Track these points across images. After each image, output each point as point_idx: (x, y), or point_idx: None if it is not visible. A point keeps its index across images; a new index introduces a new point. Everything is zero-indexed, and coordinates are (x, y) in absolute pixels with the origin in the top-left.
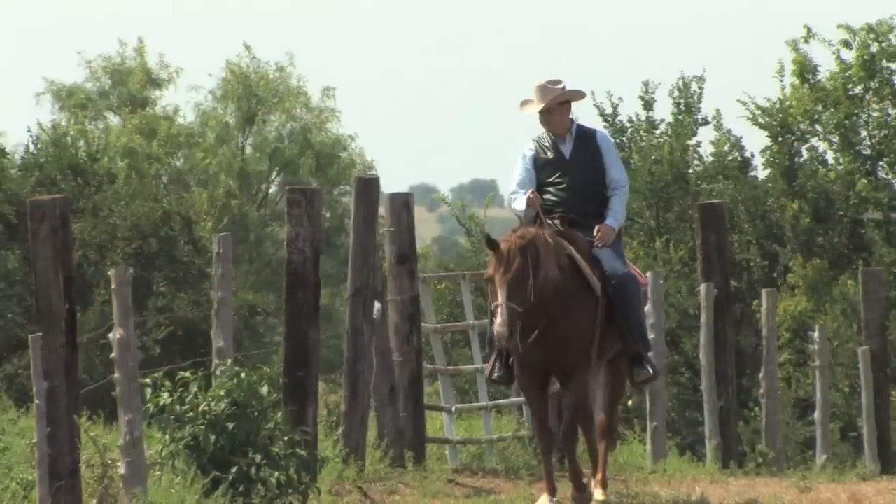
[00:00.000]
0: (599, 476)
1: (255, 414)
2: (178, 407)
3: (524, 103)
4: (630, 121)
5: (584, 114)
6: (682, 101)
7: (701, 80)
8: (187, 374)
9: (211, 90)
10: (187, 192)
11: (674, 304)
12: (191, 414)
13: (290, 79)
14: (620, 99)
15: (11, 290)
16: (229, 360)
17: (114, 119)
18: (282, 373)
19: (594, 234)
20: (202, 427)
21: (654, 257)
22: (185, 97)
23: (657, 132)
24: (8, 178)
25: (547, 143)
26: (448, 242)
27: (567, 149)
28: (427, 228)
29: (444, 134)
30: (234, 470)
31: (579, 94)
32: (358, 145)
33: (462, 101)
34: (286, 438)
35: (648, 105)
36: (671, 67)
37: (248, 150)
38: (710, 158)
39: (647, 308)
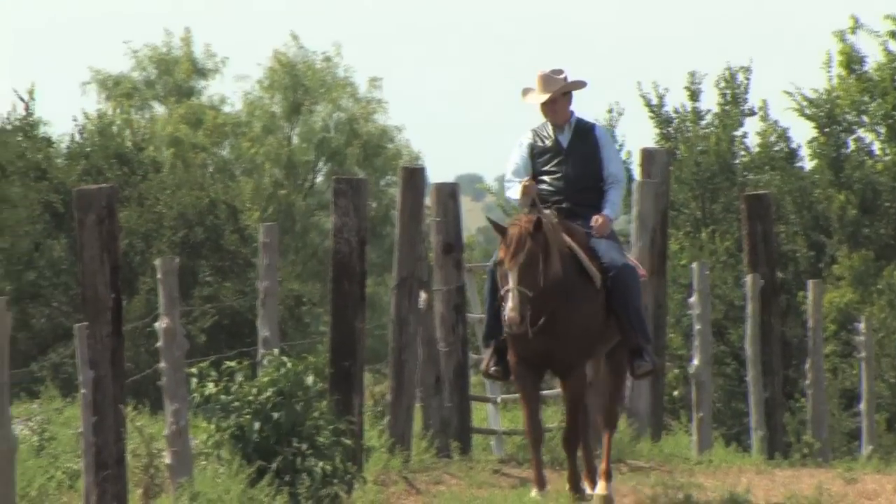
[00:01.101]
0: (603, 466)
1: (301, 403)
2: (223, 396)
3: (526, 91)
4: (676, 111)
5: (630, 105)
6: (728, 91)
7: (747, 70)
8: (233, 363)
9: (258, 80)
10: (233, 182)
11: (719, 295)
12: (236, 403)
13: (336, 69)
14: (667, 89)
15: (57, 279)
16: (275, 350)
17: (159, 109)
18: (327, 362)
19: (591, 223)
20: (248, 416)
21: (700, 248)
22: (232, 87)
23: (703, 123)
24: (54, 168)
25: (545, 133)
26: (493, 232)
27: (565, 139)
28: (473, 218)
29: (490, 124)
30: (279, 459)
31: (581, 85)
32: (404, 136)
33: (508, 90)
34: (332, 428)
35: (695, 96)
36: (718, 58)
37: (295, 139)
38: (757, 149)
39: (693, 299)
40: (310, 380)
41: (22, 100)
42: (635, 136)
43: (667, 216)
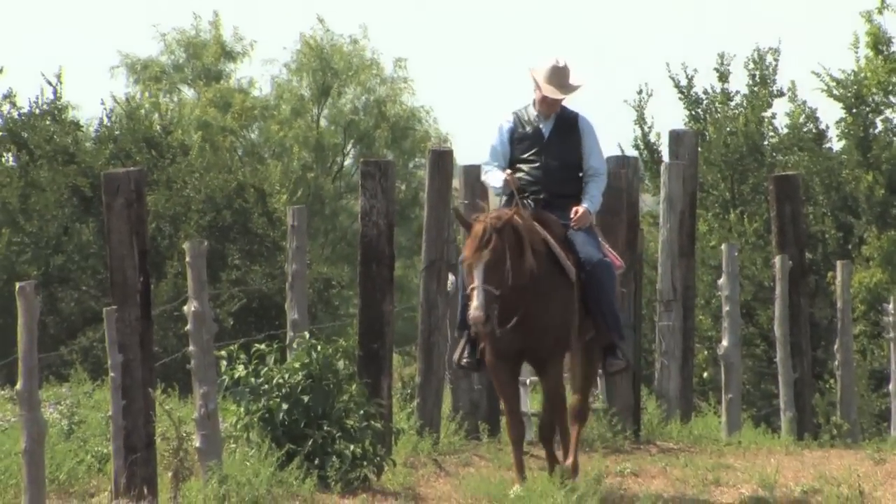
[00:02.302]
0: (571, 460)
1: (330, 386)
2: (252, 379)
3: (536, 71)
4: (705, 93)
5: (659, 86)
6: (757, 73)
7: (776, 52)
8: (262, 346)
9: (285, 63)
10: (262, 165)
11: (749, 277)
12: (266, 387)
13: (364, 51)
14: (696, 71)
15: (86, 263)
16: (305, 333)
17: (188, 92)
18: (356, 345)
19: (571, 216)
20: (277, 400)
21: (729, 229)
22: (260, 70)
23: (732, 104)
24: (82, 151)
25: (527, 119)
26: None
27: (547, 128)
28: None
29: (518, 104)
30: (308, 443)
31: (581, 87)
32: (433, 118)
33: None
34: (361, 411)
35: (724, 77)
36: (746, 39)
37: (323, 122)
38: (785, 130)
39: (722, 280)
40: (339, 363)
41: (50, 84)
42: (664, 118)
43: (695, 197)
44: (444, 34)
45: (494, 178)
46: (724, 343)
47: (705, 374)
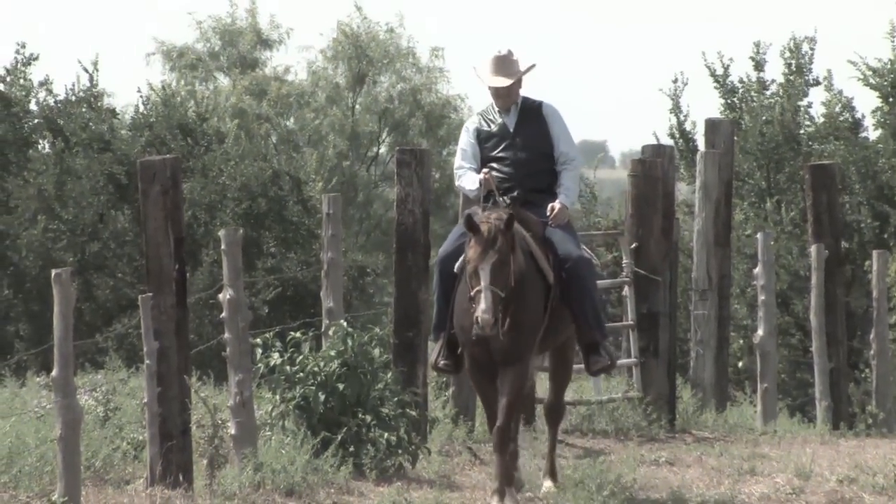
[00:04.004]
0: (548, 465)
1: (366, 374)
2: (288, 367)
3: (478, 69)
4: (741, 81)
5: (695, 75)
6: (793, 61)
7: (812, 40)
8: (297, 334)
9: (321, 50)
10: (297, 153)
11: (784, 266)
12: (301, 374)
13: (399, 39)
14: (732, 60)
15: (121, 251)
16: (341, 321)
17: (224, 80)
18: (392, 333)
19: (547, 213)
20: (312, 387)
21: (765, 218)
22: (296, 57)
23: (768, 93)
24: (118, 139)
25: (490, 116)
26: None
27: (511, 121)
28: None
29: (553, 94)
30: (344, 430)
31: (532, 68)
32: (468, 106)
33: (571, 61)
34: (396, 399)
35: (759, 66)
36: (782, 28)
37: (359, 110)
38: (821, 119)
39: (758, 269)
40: (375, 351)
41: (86, 71)
42: (700, 107)
43: (731, 186)
44: (480, 23)
45: (469, 180)
46: (760, 332)
47: (740, 364)
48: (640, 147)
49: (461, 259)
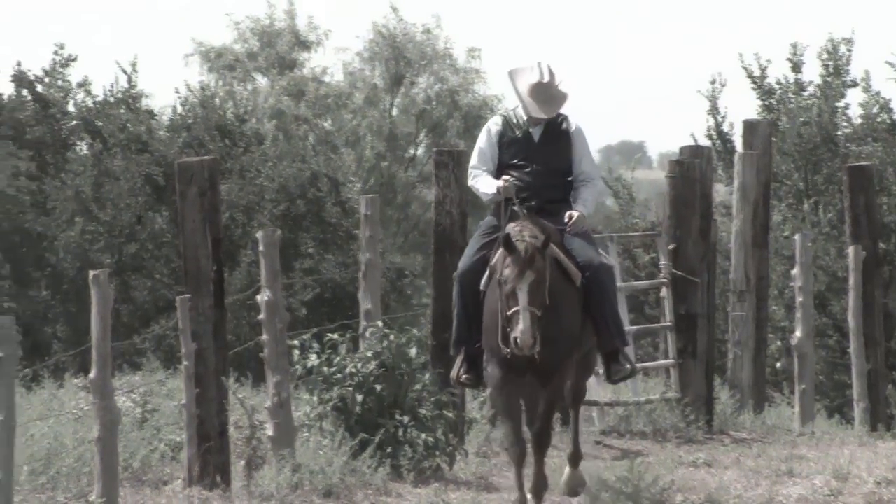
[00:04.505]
0: (572, 449)
1: (404, 376)
2: (325, 369)
3: (517, 74)
4: (778, 83)
5: (733, 76)
6: (830, 63)
7: (850, 42)
8: (335, 335)
9: (358, 52)
10: (335, 154)
11: (822, 267)
12: (338, 376)
13: (436, 40)
14: (769, 61)
15: (159, 252)
16: (379, 322)
17: (262, 80)
18: (429, 335)
19: (565, 220)
20: (350, 389)
21: (803, 219)
22: (333, 59)
23: (805, 94)
24: (156, 140)
25: (516, 122)
26: (595, 205)
27: (537, 133)
28: None
29: (592, 94)
30: (381, 432)
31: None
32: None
33: (610, 61)
34: (434, 400)
35: (797, 67)
36: (820, 29)
37: (396, 111)
38: (859, 121)
39: (796, 270)
40: (412, 352)
41: (124, 72)
42: (738, 108)
43: (769, 187)
44: (517, 24)
45: (485, 183)
46: (798, 333)
47: (778, 365)
48: (678, 148)
49: (486, 275)
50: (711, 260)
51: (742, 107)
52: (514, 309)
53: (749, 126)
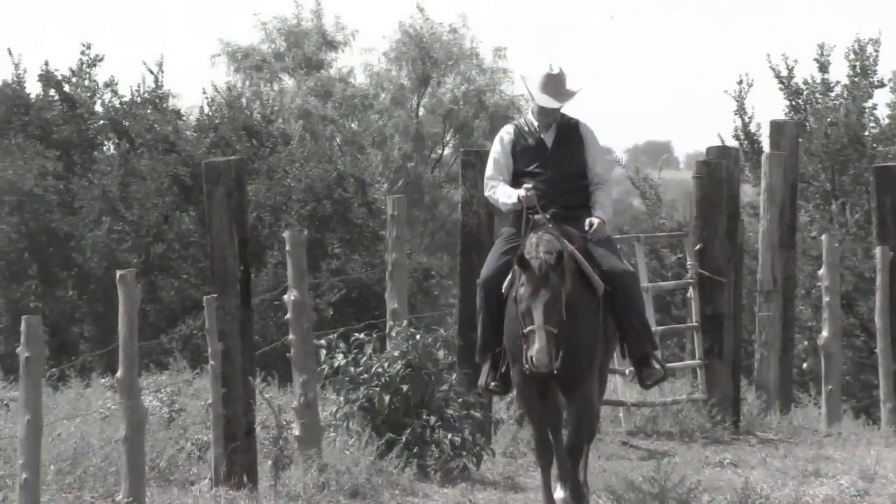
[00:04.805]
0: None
1: (430, 376)
2: (352, 368)
3: (528, 82)
4: (806, 83)
5: (760, 76)
6: (857, 63)
7: (877, 42)
8: (362, 335)
9: (385, 52)
10: (362, 154)
11: (849, 267)
12: (365, 375)
13: (463, 40)
14: (796, 61)
15: (186, 252)
16: (405, 322)
17: (289, 81)
18: (456, 335)
19: (587, 227)
20: (377, 389)
21: (830, 220)
22: (360, 59)
23: (832, 95)
24: (183, 140)
25: (528, 130)
26: (622, 205)
27: (549, 138)
28: None
29: (618, 95)
30: (408, 432)
31: (580, 91)
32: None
33: (636, 61)
34: (461, 400)
35: (824, 67)
36: (847, 30)
37: (423, 112)
38: (886, 121)
39: (823, 271)
40: (439, 352)
41: (151, 72)
42: (765, 108)
43: (796, 188)
44: (543, 23)
45: (504, 193)
46: (824, 334)
47: (805, 365)
48: (705, 148)
49: (508, 280)
50: (738, 260)
51: (769, 107)
52: (530, 328)
53: (776, 126)
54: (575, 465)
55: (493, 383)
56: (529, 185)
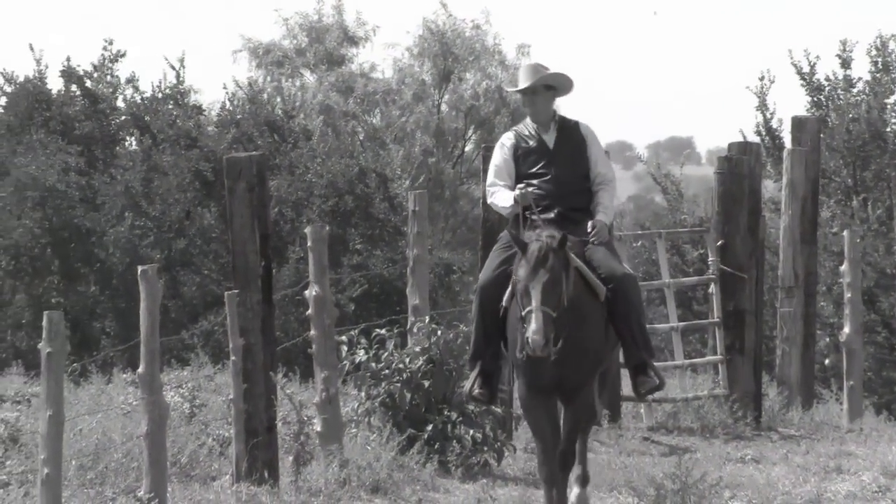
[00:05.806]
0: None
1: (451, 372)
2: (373, 364)
3: (510, 86)
4: (827, 79)
5: (782, 72)
6: (879, 59)
7: None
8: (383, 331)
9: (407, 47)
10: (383, 150)
11: (871, 263)
12: (386, 371)
13: (485, 36)
14: (818, 57)
15: (207, 247)
16: (426, 318)
17: (310, 76)
18: None
19: (588, 230)
20: (398, 384)
21: (851, 216)
22: (382, 55)
23: (854, 91)
24: (205, 136)
25: (528, 132)
26: (644, 201)
27: (550, 139)
28: (623, 186)
29: (641, 91)
30: (429, 427)
31: (567, 80)
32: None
33: (659, 58)
34: None
35: (846, 64)
36: (869, 26)
37: (444, 107)
38: None
39: (844, 267)
40: (460, 348)
41: (173, 68)
42: (787, 104)
43: (818, 184)
44: (565, 20)
45: (502, 198)
46: (846, 330)
47: (827, 361)
48: (727, 144)
49: (509, 291)
50: (760, 256)
51: (791, 103)
52: (528, 309)
53: (798, 122)
54: (564, 473)
55: (477, 391)
56: (522, 185)
